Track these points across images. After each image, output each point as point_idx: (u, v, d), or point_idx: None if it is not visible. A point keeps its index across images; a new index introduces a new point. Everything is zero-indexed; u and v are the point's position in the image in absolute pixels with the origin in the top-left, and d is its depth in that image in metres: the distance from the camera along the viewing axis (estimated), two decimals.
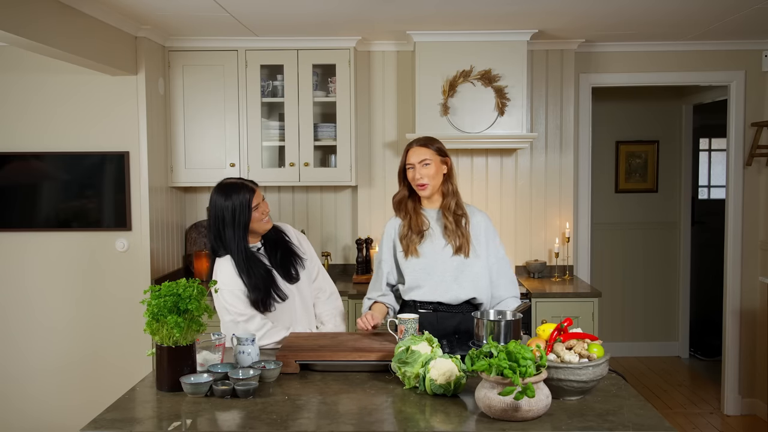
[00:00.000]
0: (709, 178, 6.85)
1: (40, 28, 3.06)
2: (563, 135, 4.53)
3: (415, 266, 2.79)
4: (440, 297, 2.78)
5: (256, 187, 2.79)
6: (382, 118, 4.56)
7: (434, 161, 2.76)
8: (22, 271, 4.06)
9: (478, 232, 2.82)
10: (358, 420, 1.93)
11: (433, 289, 2.78)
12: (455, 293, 2.77)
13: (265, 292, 2.73)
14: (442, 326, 2.77)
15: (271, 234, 2.87)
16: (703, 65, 4.61)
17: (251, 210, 2.71)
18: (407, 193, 2.85)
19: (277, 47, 4.27)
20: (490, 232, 2.85)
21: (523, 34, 4.13)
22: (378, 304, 2.87)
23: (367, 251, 4.45)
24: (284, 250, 2.88)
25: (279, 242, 2.89)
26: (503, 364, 1.85)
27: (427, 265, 2.78)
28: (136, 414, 2.02)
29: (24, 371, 4.09)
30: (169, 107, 4.31)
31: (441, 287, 2.77)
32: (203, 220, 4.63)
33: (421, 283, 2.79)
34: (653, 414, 1.95)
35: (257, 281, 2.72)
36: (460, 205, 2.82)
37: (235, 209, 2.70)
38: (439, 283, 2.77)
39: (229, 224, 2.71)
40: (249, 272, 2.72)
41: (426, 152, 2.76)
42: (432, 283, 2.78)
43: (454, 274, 2.77)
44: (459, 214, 2.80)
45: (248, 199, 2.71)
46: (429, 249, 2.79)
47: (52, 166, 4.03)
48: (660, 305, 6.16)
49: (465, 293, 2.77)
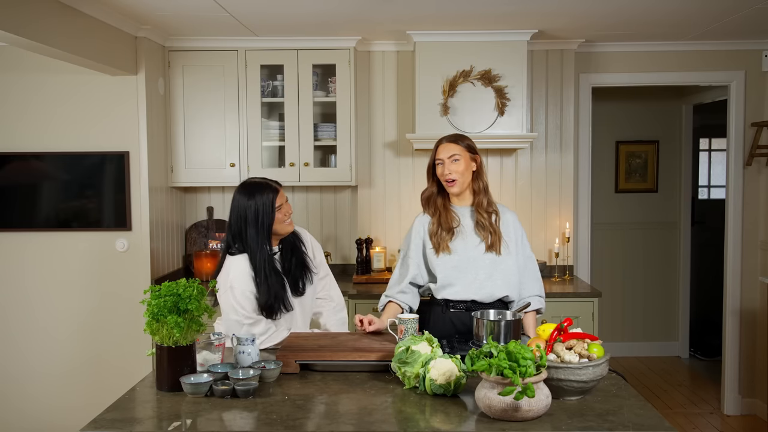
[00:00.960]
0: (709, 178, 6.86)
1: (40, 28, 3.06)
2: (563, 135, 4.53)
3: (446, 264, 2.76)
4: (474, 295, 2.75)
5: (280, 187, 2.78)
6: (382, 118, 4.56)
7: (463, 157, 2.75)
8: (22, 271, 4.06)
9: (508, 229, 2.81)
10: (358, 420, 1.93)
11: (467, 287, 2.75)
12: (489, 290, 2.75)
13: (275, 299, 2.71)
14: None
15: (290, 239, 2.85)
16: (703, 65, 4.61)
17: (275, 210, 2.70)
18: (436, 190, 2.84)
19: (277, 47, 4.27)
20: (519, 231, 2.85)
21: (523, 34, 4.13)
22: (392, 305, 2.83)
23: (367, 251, 4.45)
24: (298, 260, 2.85)
25: (295, 250, 2.86)
26: (503, 364, 1.85)
27: (460, 262, 2.76)
28: (136, 414, 2.02)
29: (24, 371, 4.09)
30: (169, 107, 4.31)
31: (475, 284, 2.75)
32: (203, 220, 4.64)
33: (453, 281, 2.77)
34: (653, 414, 1.95)
35: (270, 287, 2.70)
36: (491, 202, 2.82)
37: (258, 209, 2.69)
38: (473, 281, 2.75)
39: (252, 224, 2.69)
40: (266, 276, 2.69)
41: (455, 148, 2.76)
42: (465, 280, 2.75)
43: (488, 271, 2.75)
44: (490, 211, 2.79)
45: (272, 199, 2.70)
46: (461, 246, 2.77)
47: (52, 166, 4.03)
48: (660, 305, 6.16)
49: (499, 290, 2.76)
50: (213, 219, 4.64)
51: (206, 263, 4.27)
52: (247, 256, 2.71)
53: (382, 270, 4.41)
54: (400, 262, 2.90)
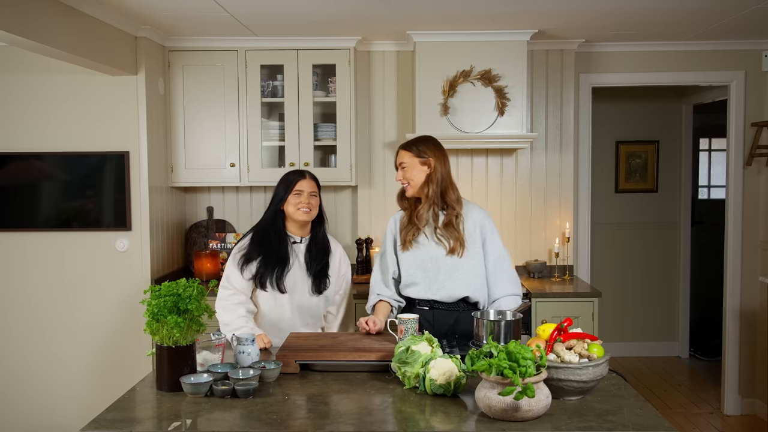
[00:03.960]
0: (709, 178, 6.85)
1: (40, 28, 3.06)
2: (563, 135, 4.53)
3: (410, 261, 2.81)
4: (434, 295, 2.79)
5: (311, 178, 2.95)
6: (382, 118, 4.56)
7: (411, 163, 2.82)
8: (22, 271, 4.06)
9: (474, 230, 2.82)
10: (358, 420, 1.93)
11: (427, 287, 2.80)
12: (449, 291, 2.78)
13: (267, 267, 2.86)
14: (439, 324, 2.78)
15: (323, 242, 3.01)
16: (703, 65, 4.61)
17: (290, 191, 2.89)
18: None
19: (277, 47, 4.27)
20: (488, 230, 2.84)
21: (523, 34, 4.13)
22: (382, 303, 2.87)
23: (367, 251, 4.45)
24: (324, 263, 2.99)
25: (326, 254, 3.00)
26: (503, 364, 1.85)
27: (423, 262, 2.80)
28: (136, 414, 2.03)
29: (24, 371, 4.09)
30: (169, 107, 4.31)
31: (435, 285, 2.79)
32: (203, 220, 4.64)
33: (416, 280, 2.82)
34: (653, 414, 1.95)
35: (267, 256, 2.87)
36: (451, 204, 2.81)
37: (281, 188, 2.94)
38: (433, 281, 2.79)
39: (274, 201, 2.96)
40: (262, 241, 2.89)
41: (404, 155, 2.85)
42: (426, 280, 2.80)
43: (448, 272, 2.78)
44: (450, 214, 2.80)
45: (292, 181, 2.91)
46: (424, 244, 2.80)
47: (52, 166, 4.03)
48: (660, 305, 6.16)
49: (459, 291, 2.78)
50: (213, 219, 4.64)
51: (206, 263, 4.27)
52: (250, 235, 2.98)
53: None
54: (379, 260, 2.95)
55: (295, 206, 2.89)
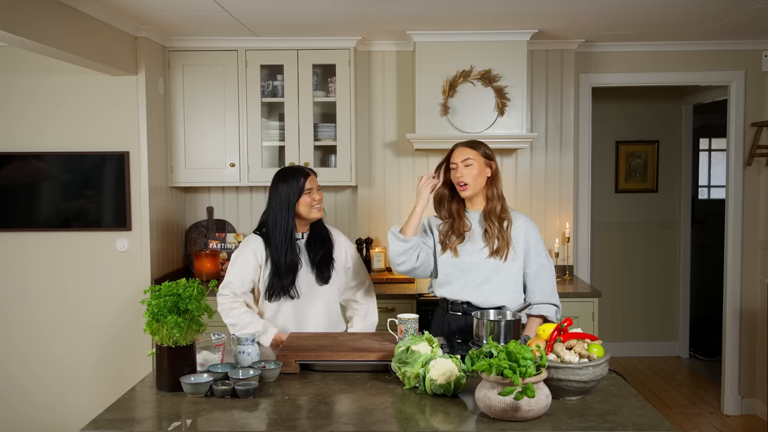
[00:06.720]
0: (709, 178, 6.86)
1: (40, 28, 3.06)
2: (563, 135, 4.53)
3: (449, 261, 2.78)
4: (469, 296, 2.76)
5: (312, 174, 2.90)
6: (382, 118, 4.56)
7: (477, 162, 2.76)
8: (22, 271, 4.06)
9: (518, 237, 2.80)
10: (358, 420, 1.93)
11: (463, 287, 2.76)
12: (485, 295, 2.74)
13: (280, 280, 2.81)
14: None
15: (320, 232, 2.95)
16: (703, 65, 4.61)
17: (302, 192, 2.82)
18: (447, 192, 2.86)
19: (277, 47, 4.27)
20: (532, 239, 2.81)
21: (523, 34, 4.13)
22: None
23: (367, 251, 4.45)
24: (326, 252, 2.94)
25: (324, 242, 2.95)
26: (503, 364, 1.85)
27: (461, 263, 2.77)
28: (136, 414, 2.03)
29: (24, 371, 4.09)
30: (169, 107, 4.31)
31: (470, 286, 2.75)
32: (203, 220, 4.64)
33: (452, 280, 2.79)
34: (653, 414, 1.95)
35: (282, 267, 2.81)
36: (504, 209, 2.80)
37: (287, 189, 2.84)
38: (470, 282, 2.76)
39: (279, 203, 2.84)
40: (281, 254, 2.81)
41: (470, 152, 2.78)
42: (463, 280, 2.76)
43: (486, 275, 2.75)
44: (503, 217, 2.78)
45: (301, 182, 2.84)
46: (468, 250, 2.78)
47: (52, 166, 4.03)
48: (660, 305, 6.16)
49: (495, 296, 2.74)
50: (213, 219, 4.64)
51: (206, 263, 4.27)
52: (262, 240, 2.86)
53: (382, 270, 4.41)
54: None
55: (309, 205, 2.84)
